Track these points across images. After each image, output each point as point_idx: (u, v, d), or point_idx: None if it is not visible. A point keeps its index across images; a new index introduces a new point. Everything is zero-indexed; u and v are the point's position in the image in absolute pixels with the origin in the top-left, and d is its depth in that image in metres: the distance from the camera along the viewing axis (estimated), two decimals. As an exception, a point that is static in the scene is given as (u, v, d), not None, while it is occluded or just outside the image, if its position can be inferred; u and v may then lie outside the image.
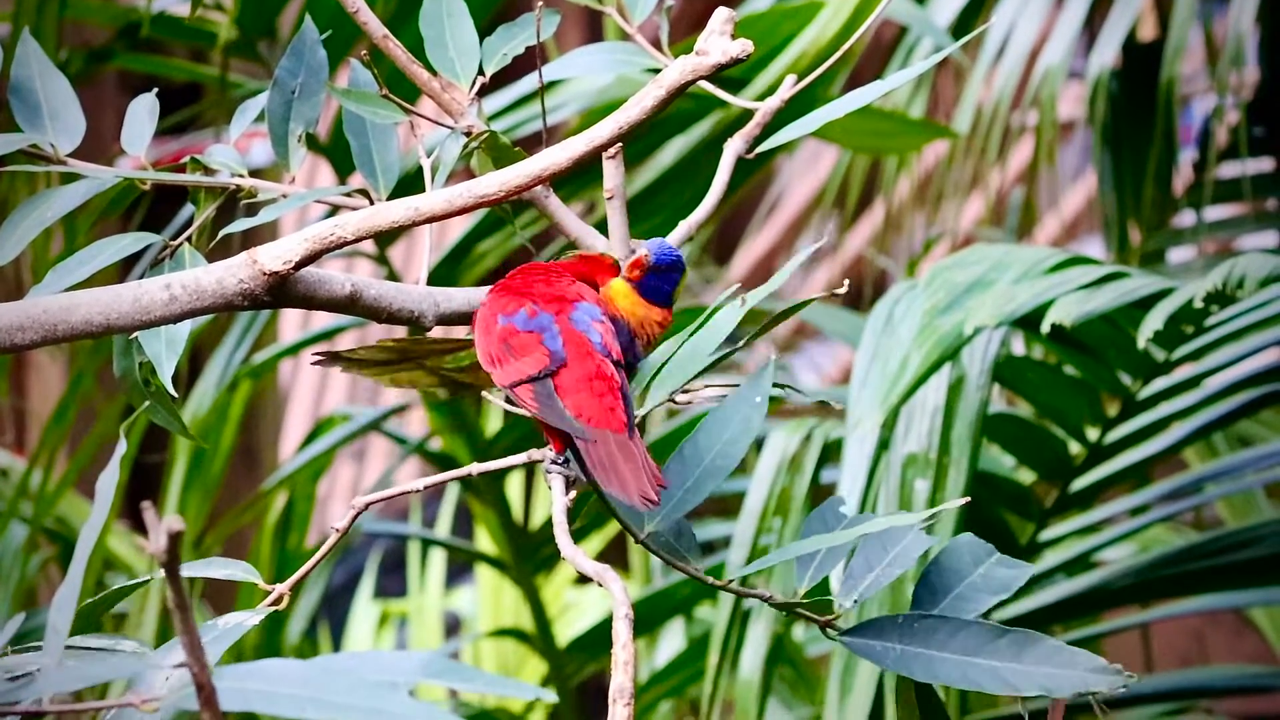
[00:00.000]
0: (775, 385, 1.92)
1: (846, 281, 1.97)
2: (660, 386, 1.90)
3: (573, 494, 1.86)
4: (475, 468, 1.92)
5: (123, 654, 1.36)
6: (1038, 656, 1.80)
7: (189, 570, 1.81)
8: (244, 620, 1.70)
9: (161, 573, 1.24)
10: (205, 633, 1.68)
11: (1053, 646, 1.80)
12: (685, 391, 1.91)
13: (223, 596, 4.55)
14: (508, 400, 1.90)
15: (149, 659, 1.39)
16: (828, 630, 1.86)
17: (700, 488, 1.87)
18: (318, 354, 2.04)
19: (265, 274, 1.89)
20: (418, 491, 1.92)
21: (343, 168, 3.83)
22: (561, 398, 1.85)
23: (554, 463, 1.88)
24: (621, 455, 1.81)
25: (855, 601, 1.87)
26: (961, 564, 1.88)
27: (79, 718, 1.49)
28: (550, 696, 1.35)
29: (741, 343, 1.93)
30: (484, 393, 2.00)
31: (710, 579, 1.88)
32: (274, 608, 1.82)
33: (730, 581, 1.89)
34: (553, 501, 1.87)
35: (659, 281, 1.96)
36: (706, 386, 1.93)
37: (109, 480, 1.63)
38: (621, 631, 1.70)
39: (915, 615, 1.84)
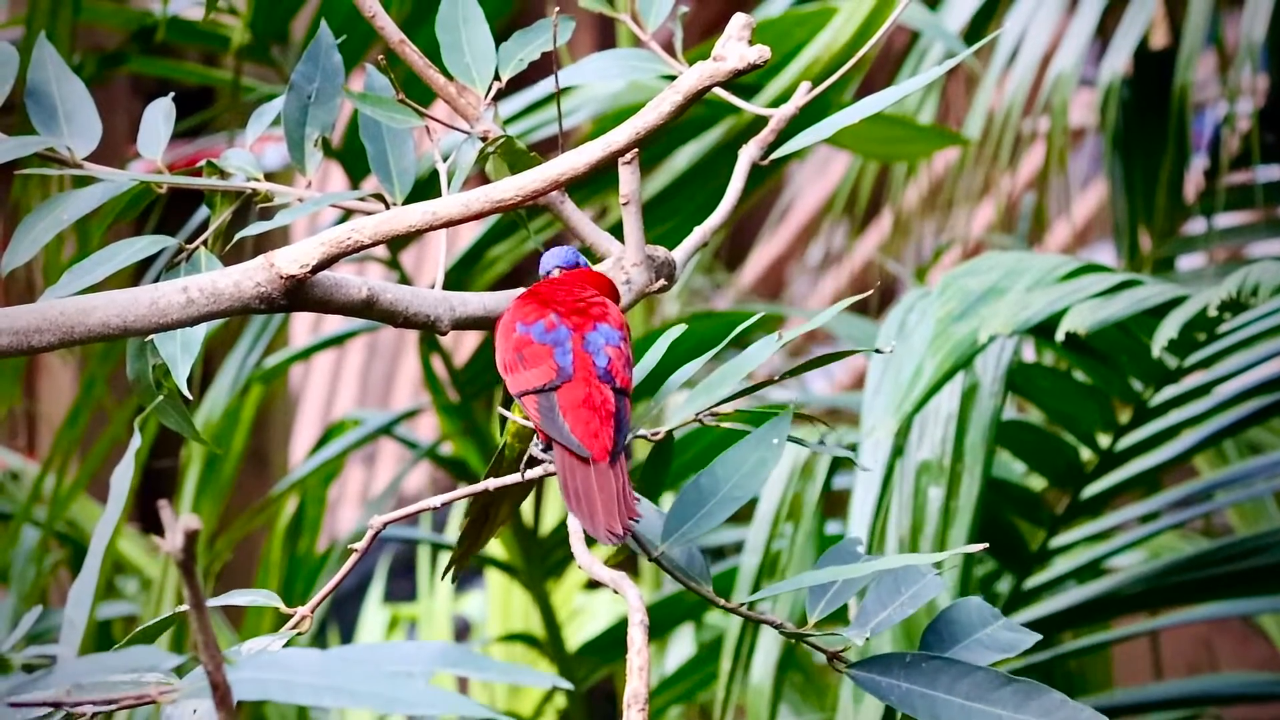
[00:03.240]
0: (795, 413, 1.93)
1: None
2: (689, 405, 1.93)
3: None
4: (492, 483, 1.95)
5: (140, 648, 1.36)
6: (1041, 709, 1.77)
7: (215, 602, 1.82)
8: (268, 645, 1.71)
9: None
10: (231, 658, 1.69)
11: (1056, 700, 1.77)
12: (712, 415, 1.94)
13: (234, 607, 4.55)
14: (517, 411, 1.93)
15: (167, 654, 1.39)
16: (835, 662, 1.86)
17: (713, 516, 1.88)
18: (454, 572, 2.11)
19: (282, 277, 1.89)
20: (435, 509, 1.94)
21: (355, 172, 3.83)
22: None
23: (543, 450, 1.91)
24: (598, 484, 1.84)
25: (867, 638, 1.86)
26: (969, 621, 1.87)
27: (94, 711, 1.49)
28: (566, 685, 1.36)
29: (778, 378, 1.95)
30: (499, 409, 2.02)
31: (721, 601, 1.89)
32: (295, 631, 1.83)
33: (741, 605, 1.90)
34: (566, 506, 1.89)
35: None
36: (736, 410, 1.95)
37: (123, 475, 1.63)
38: (637, 637, 1.70)
39: (923, 655, 1.82)
